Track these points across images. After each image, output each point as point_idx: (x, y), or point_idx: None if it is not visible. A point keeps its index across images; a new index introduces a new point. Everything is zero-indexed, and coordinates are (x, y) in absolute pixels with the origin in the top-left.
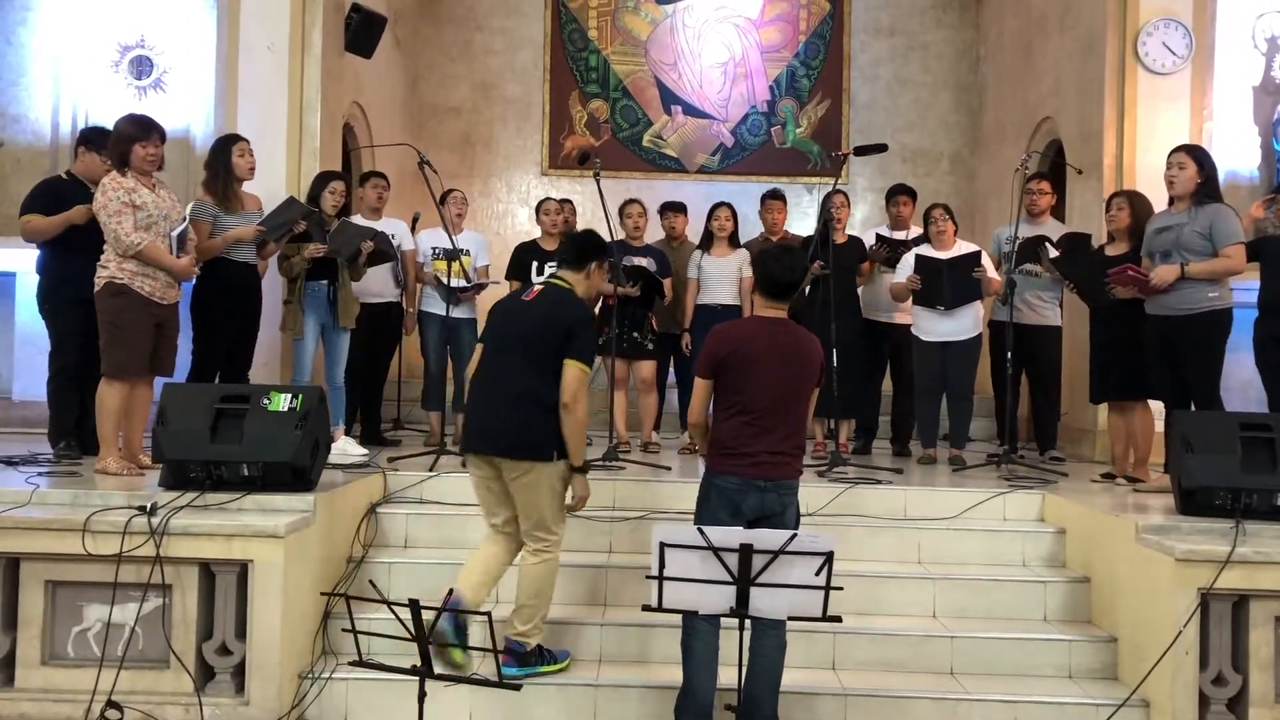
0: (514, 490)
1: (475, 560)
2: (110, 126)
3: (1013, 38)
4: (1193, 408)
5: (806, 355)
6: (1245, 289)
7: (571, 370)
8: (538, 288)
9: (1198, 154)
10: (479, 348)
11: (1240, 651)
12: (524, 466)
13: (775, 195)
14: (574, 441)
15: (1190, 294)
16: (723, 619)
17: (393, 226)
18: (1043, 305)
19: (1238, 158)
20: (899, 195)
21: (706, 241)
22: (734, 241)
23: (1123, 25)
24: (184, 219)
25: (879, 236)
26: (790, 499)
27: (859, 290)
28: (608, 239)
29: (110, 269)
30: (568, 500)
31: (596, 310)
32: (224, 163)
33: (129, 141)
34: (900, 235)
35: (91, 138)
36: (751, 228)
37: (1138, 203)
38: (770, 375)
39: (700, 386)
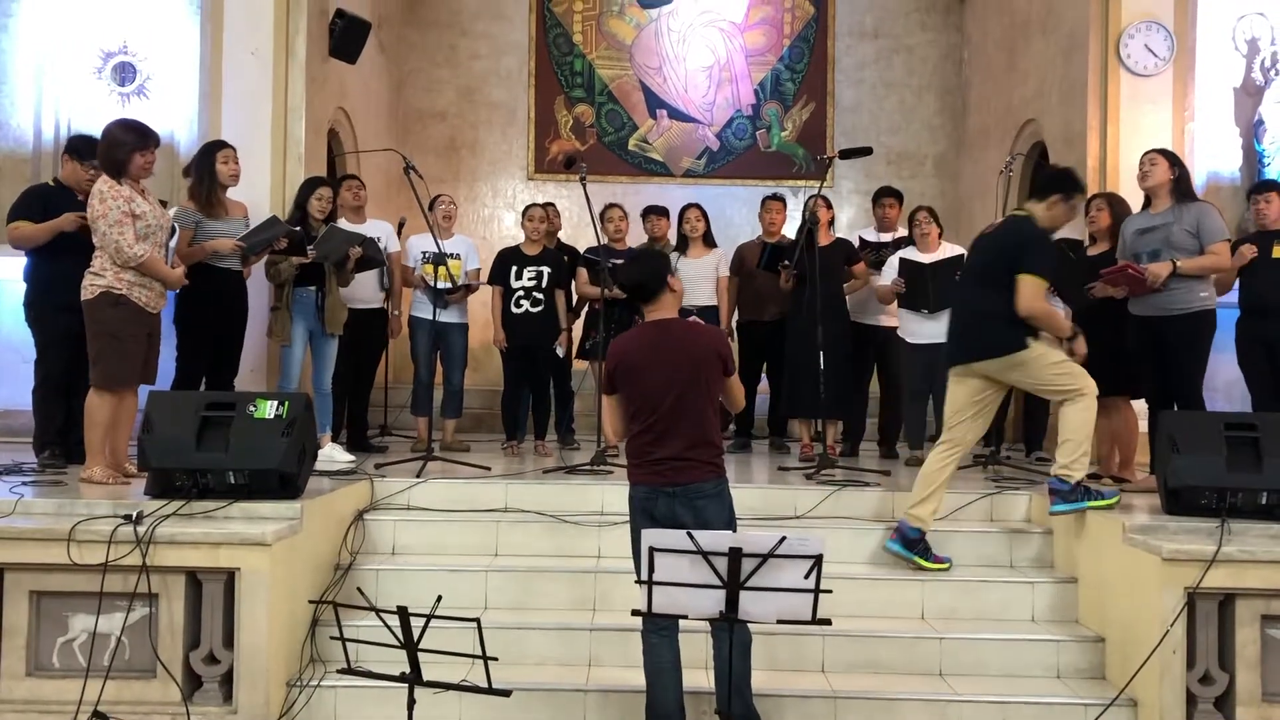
0: (1016, 383)
1: (919, 483)
2: (96, 135)
3: (996, 41)
4: (1174, 407)
5: (692, 351)
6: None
7: (1023, 282)
8: (1000, 220)
9: (1166, 153)
10: None
11: (1227, 650)
12: (1010, 361)
13: (775, 197)
14: (1051, 325)
15: (1182, 294)
16: (681, 629)
17: (378, 229)
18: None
19: (1220, 159)
20: (885, 198)
21: (682, 245)
22: (708, 241)
23: (1105, 27)
24: (174, 229)
25: (862, 240)
26: (706, 503)
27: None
28: (594, 243)
29: (107, 278)
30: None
31: (583, 315)
32: (208, 169)
33: (130, 150)
34: (886, 238)
35: (78, 146)
36: (735, 230)
37: (1117, 204)
38: (654, 380)
39: (605, 403)
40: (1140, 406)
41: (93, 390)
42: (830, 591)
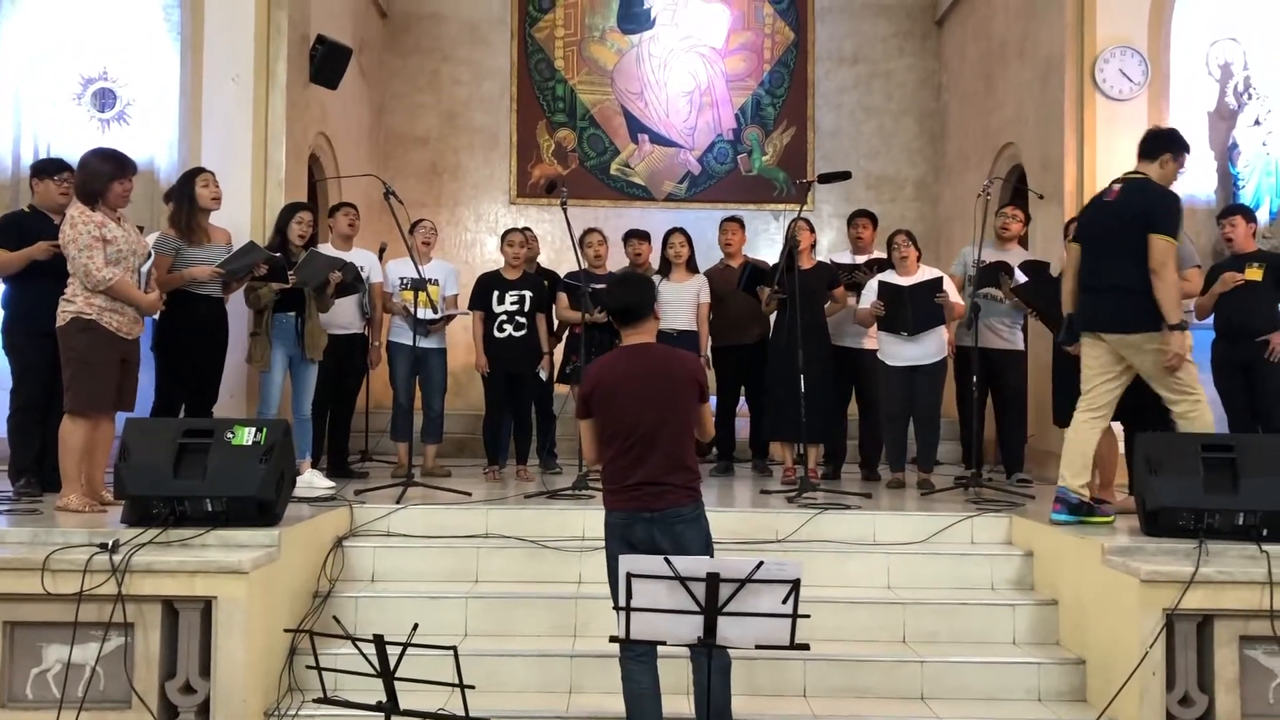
0: (1140, 362)
1: (1068, 450)
2: (64, 158)
3: (973, 66)
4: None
5: (670, 375)
6: None
7: (1155, 242)
8: (1118, 186)
9: None
10: (1075, 248)
11: (1206, 671)
12: (1139, 339)
13: (732, 219)
14: (1166, 301)
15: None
16: (660, 654)
17: (363, 258)
18: (1006, 329)
19: (1195, 183)
20: (859, 219)
21: (665, 268)
22: (691, 267)
23: (1080, 53)
24: (149, 253)
25: (834, 262)
26: (684, 528)
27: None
28: (575, 268)
29: (78, 304)
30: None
31: (564, 339)
32: (188, 195)
33: (107, 179)
34: (860, 259)
35: (44, 167)
36: (717, 253)
37: None
38: (629, 404)
39: (582, 428)
40: (1119, 428)
41: (66, 416)
42: (808, 616)
